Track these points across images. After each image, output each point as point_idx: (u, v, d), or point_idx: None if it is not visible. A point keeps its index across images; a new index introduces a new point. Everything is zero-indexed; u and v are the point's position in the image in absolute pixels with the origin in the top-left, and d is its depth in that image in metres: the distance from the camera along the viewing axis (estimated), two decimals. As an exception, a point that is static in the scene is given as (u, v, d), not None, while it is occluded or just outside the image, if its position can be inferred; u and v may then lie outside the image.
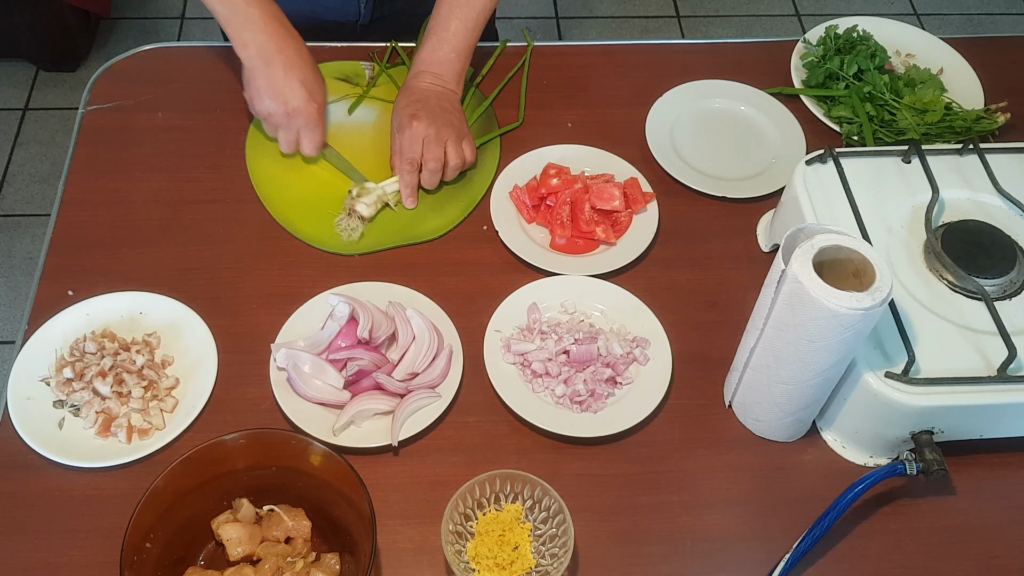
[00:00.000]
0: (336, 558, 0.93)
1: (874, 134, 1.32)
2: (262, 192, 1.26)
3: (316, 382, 1.05)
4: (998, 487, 1.05)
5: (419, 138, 1.23)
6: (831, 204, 1.10)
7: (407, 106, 1.26)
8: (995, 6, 3.15)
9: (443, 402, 1.06)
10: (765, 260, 1.22)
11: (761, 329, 0.97)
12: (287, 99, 1.22)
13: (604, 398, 1.07)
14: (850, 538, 1.00)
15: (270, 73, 1.22)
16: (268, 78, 1.22)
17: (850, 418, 1.03)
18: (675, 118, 1.36)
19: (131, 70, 1.40)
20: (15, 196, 2.51)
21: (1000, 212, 1.12)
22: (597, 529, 1.00)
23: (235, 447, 0.92)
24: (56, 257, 1.19)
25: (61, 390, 1.06)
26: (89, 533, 0.98)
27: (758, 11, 3.10)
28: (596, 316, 1.15)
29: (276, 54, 1.22)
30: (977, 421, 1.00)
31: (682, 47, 1.61)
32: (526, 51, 1.43)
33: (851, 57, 1.37)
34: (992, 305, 0.99)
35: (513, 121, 1.35)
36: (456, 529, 0.95)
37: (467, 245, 1.22)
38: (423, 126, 1.23)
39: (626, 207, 1.23)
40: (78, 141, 1.31)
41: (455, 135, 1.24)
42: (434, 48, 1.29)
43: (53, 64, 2.76)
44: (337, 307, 1.10)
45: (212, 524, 0.94)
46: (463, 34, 1.29)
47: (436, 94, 1.27)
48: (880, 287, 0.88)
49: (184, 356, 1.10)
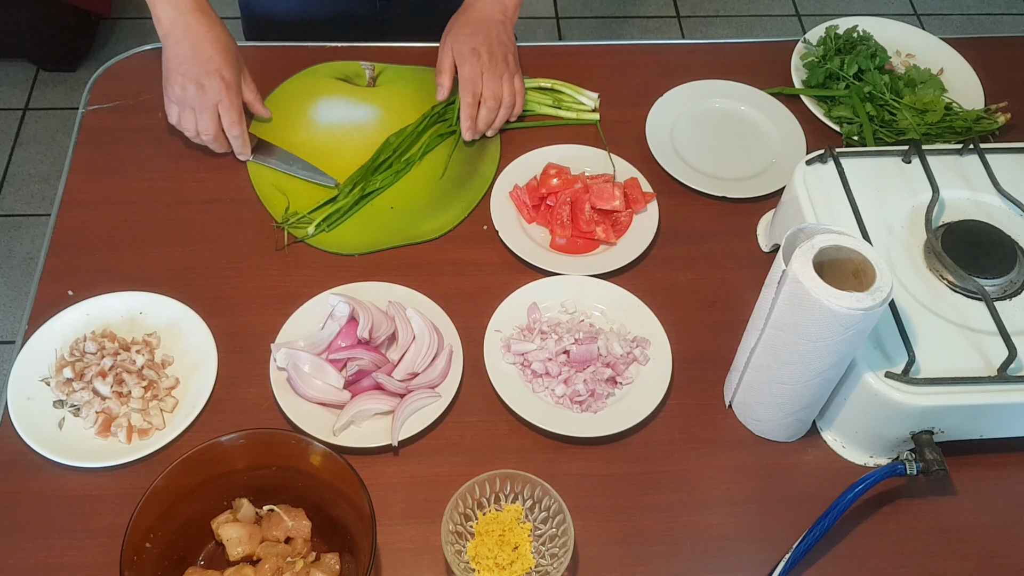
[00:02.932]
0: (336, 558, 0.93)
1: (874, 134, 1.32)
2: (262, 192, 1.26)
3: (316, 382, 1.05)
4: (998, 487, 1.05)
5: (479, 72, 1.25)
6: (831, 204, 1.10)
7: (466, 35, 1.28)
8: (995, 6, 3.15)
9: (443, 402, 1.06)
10: (765, 260, 1.22)
11: (761, 329, 0.97)
12: (197, 75, 1.19)
13: (604, 398, 1.07)
14: (850, 538, 1.00)
15: (178, 51, 1.19)
16: (176, 56, 1.20)
17: (850, 418, 1.03)
18: (675, 118, 1.36)
19: (131, 70, 1.40)
20: (15, 196, 2.51)
21: (1000, 212, 1.12)
22: (597, 529, 1.00)
23: (235, 447, 0.92)
24: (56, 257, 1.19)
25: (61, 390, 1.06)
26: (89, 533, 0.98)
27: (758, 11, 3.10)
28: (596, 316, 1.15)
29: (185, 31, 1.19)
30: (977, 421, 1.00)
31: (682, 47, 1.61)
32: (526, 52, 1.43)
33: (851, 57, 1.37)
34: (992, 305, 0.99)
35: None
36: (456, 529, 0.95)
37: (467, 245, 1.22)
38: (484, 59, 1.25)
39: (626, 207, 1.23)
40: (78, 141, 1.31)
41: (509, 72, 1.27)
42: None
43: (53, 64, 2.76)
44: (337, 307, 1.10)
45: (212, 524, 0.94)
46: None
47: (496, 22, 1.29)
48: (880, 287, 0.88)
49: (184, 356, 1.10)
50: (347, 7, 1.47)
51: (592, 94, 1.37)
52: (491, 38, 1.28)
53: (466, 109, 1.27)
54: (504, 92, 1.28)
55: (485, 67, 1.26)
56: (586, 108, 1.37)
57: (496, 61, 1.27)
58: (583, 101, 1.37)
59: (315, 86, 1.32)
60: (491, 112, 1.28)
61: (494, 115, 1.29)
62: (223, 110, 1.22)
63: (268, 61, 1.41)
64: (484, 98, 1.27)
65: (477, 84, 1.27)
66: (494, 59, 1.27)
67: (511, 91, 1.29)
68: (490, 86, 1.27)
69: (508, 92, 1.29)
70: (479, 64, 1.26)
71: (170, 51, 1.21)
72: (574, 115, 1.36)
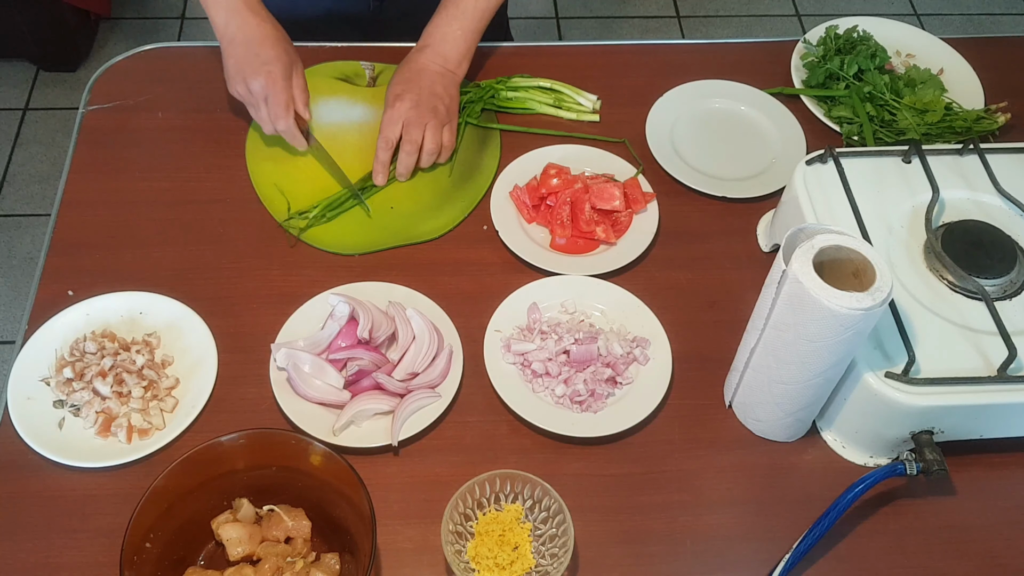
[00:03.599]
0: (336, 558, 0.93)
1: (874, 134, 1.32)
2: (262, 192, 1.26)
3: (316, 382, 1.05)
4: (998, 487, 1.05)
5: (399, 119, 1.24)
6: (831, 204, 1.10)
7: (397, 83, 1.26)
8: (995, 6, 3.15)
9: (443, 402, 1.06)
10: (765, 260, 1.22)
11: (761, 329, 0.97)
12: (246, 74, 1.21)
13: (604, 398, 1.07)
14: (850, 538, 1.00)
15: (232, 51, 1.22)
16: (232, 56, 1.22)
17: (850, 418, 1.03)
18: (675, 118, 1.36)
19: (131, 70, 1.40)
20: (15, 196, 2.51)
21: (1000, 212, 1.12)
22: (597, 529, 1.00)
23: (235, 447, 0.92)
24: (56, 257, 1.19)
25: (61, 390, 1.06)
26: (89, 533, 0.98)
27: (758, 11, 3.10)
28: (596, 316, 1.15)
29: (237, 30, 1.21)
30: (977, 421, 1.00)
31: (682, 47, 1.61)
32: (526, 52, 1.43)
33: (851, 57, 1.37)
34: (992, 305, 0.99)
35: (514, 121, 1.36)
36: (456, 529, 0.95)
37: (467, 245, 1.22)
38: (406, 106, 1.23)
39: (626, 207, 1.23)
40: (78, 141, 1.31)
41: (436, 121, 1.24)
42: (441, 23, 1.28)
43: (53, 64, 2.76)
44: (337, 307, 1.10)
45: (212, 524, 0.94)
46: (471, 12, 1.27)
47: (432, 73, 1.27)
48: (880, 287, 0.88)
49: (184, 356, 1.10)
50: (341, 6, 1.47)
51: (591, 96, 1.37)
52: (422, 87, 1.25)
53: (377, 153, 1.25)
54: (427, 140, 1.24)
55: (408, 114, 1.23)
56: (586, 109, 1.37)
57: (422, 110, 1.24)
58: (582, 102, 1.37)
59: (315, 86, 1.32)
60: (409, 156, 1.25)
61: (413, 160, 1.26)
62: (269, 105, 1.23)
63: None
64: (402, 143, 1.24)
65: (392, 130, 1.24)
66: (419, 107, 1.24)
67: (434, 139, 1.25)
68: (410, 132, 1.23)
69: (431, 139, 1.24)
70: (400, 110, 1.23)
71: (226, 52, 1.23)
72: (574, 115, 1.36)
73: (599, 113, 1.37)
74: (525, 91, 1.38)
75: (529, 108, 1.37)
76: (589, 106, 1.37)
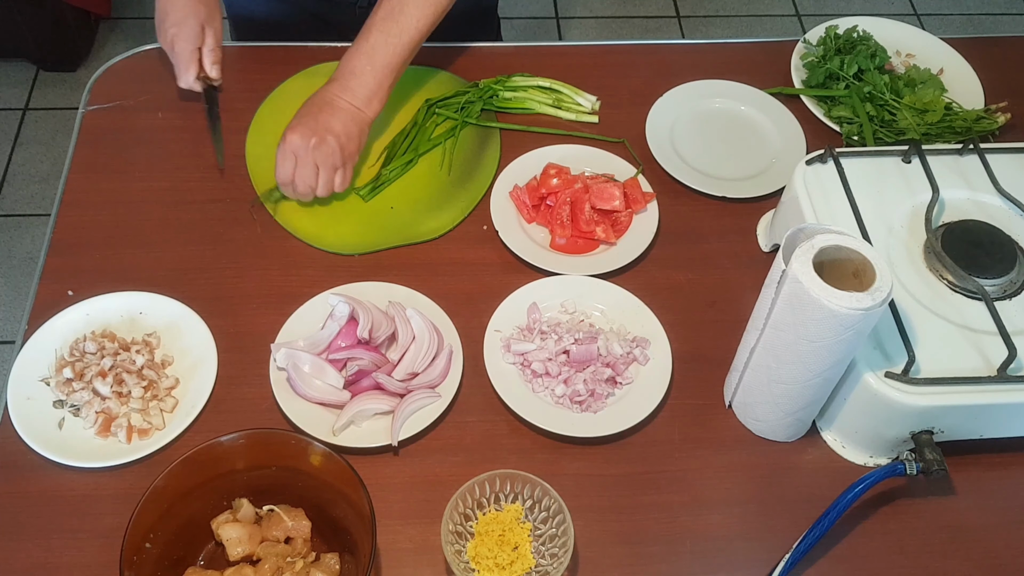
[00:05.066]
0: (336, 558, 0.93)
1: (874, 134, 1.32)
2: (262, 192, 1.26)
3: (316, 382, 1.05)
4: (998, 487, 1.05)
5: (290, 154, 1.17)
6: (831, 204, 1.10)
7: (298, 115, 1.19)
8: (995, 6, 3.15)
9: (443, 402, 1.06)
10: (765, 260, 1.22)
11: (761, 329, 0.97)
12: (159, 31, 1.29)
13: (604, 398, 1.07)
14: (850, 538, 1.00)
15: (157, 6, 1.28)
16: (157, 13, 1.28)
17: (850, 418, 1.03)
18: (675, 118, 1.36)
19: (131, 70, 1.40)
20: (15, 196, 2.51)
21: (1000, 212, 1.12)
22: (597, 529, 1.00)
23: (235, 447, 0.92)
24: (56, 257, 1.19)
25: (61, 390, 1.06)
26: (89, 533, 0.98)
27: (758, 11, 3.10)
28: (596, 316, 1.15)
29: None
30: (977, 421, 1.00)
31: (682, 47, 1.61)
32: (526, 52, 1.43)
33: (851, 57, 1.37)
34: (992, 305, 0.99)
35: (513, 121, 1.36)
36: (456, 529, 0.95)
37: (467, 245, 1.22)
38: (297, 140, 1.16)
39: (626, 207, 1.23)
40: (78, 141, 1.31)
41: (329, 162, 1.17)
42: (352, 56, 1.21)
43: (53, 64, 2.76)
44: (337, 307, 1.10)
45: (212, 524, 0.94)
46: (383, 49, 1.19)
47: (333, 108, 1.19)
48: (880, 287, 0.88)
49: (184, 356, 1.10)
50: (323, 8, 1.46)
51: (591, 96, 1.37)
52: (318, 123, 1.17)
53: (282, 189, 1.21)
54: (319, 186, 1.19)
55: (299, 150, 1.16)
56: (584, 109, 1.37)
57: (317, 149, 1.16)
58: (581, 103, 1.37)
59: (315, 86, 1.32)
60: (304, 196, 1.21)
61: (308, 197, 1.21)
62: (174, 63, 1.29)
63: (263, 61, 1.41)
64: (295, 182, 1.18)
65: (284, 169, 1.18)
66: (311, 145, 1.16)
67: (327, 184, 1.19)
68: (301, 172, 1.17)
69: (322, 187, 1.19)
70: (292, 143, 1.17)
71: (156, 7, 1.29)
72: (573, 116, 1.36)
73: (597, 114, 1.37)
74: (525, 91, 1.38)
75: (529, 108, 1.37)
76: (588, 106, 1.37)
